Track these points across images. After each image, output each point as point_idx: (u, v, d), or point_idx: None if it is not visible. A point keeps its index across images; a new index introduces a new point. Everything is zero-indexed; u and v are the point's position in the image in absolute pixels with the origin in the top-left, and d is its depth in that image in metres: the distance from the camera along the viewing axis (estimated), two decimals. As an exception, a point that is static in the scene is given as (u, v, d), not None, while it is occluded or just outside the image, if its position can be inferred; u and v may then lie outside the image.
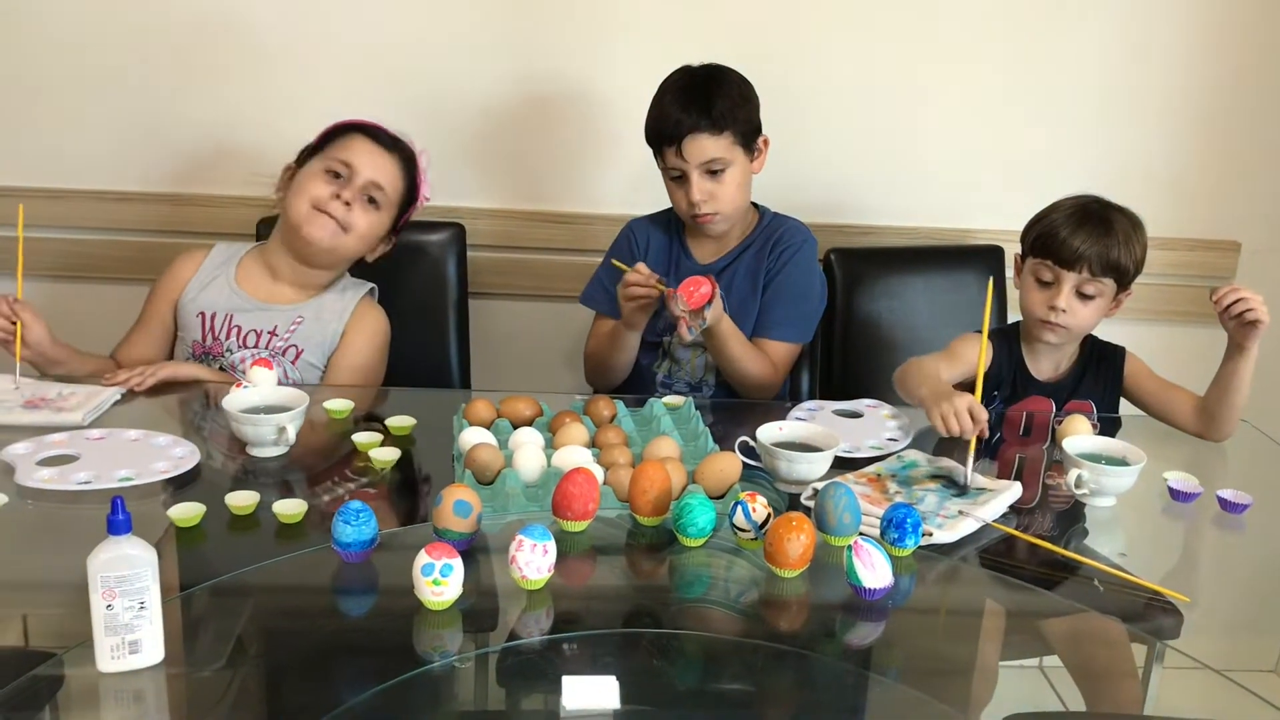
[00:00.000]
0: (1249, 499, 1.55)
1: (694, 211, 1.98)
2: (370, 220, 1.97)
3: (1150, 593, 1.33)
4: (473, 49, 2.32)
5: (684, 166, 1.94)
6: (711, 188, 1.96)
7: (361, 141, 1.97)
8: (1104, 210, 1.81)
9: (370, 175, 1.95)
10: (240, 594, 1.26)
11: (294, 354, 1.95)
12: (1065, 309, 1.80)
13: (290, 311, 1.98)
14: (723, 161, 1.94)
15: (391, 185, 1.98)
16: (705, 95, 1.93)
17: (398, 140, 2.01)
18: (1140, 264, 1.82)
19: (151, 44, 2.29)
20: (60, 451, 1.52)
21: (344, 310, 2.00)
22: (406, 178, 2.01)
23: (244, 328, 1.96)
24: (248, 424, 1.55)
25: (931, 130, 2.41)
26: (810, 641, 1.25)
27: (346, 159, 1.94)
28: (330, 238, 1.94)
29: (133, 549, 1.04)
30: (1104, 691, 1.26)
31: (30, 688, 1.05)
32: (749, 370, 1.95)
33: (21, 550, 1.33)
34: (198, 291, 1.99)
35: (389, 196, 1.98)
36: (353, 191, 1.94)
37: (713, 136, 1.92)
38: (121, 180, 2.37)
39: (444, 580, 1.15)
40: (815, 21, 2.33)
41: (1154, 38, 2.36)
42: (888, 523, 1.34)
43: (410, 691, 1.09)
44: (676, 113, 1.93)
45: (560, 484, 1.33)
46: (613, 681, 1.04)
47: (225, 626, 1.20)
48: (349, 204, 1.93)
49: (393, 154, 1.99)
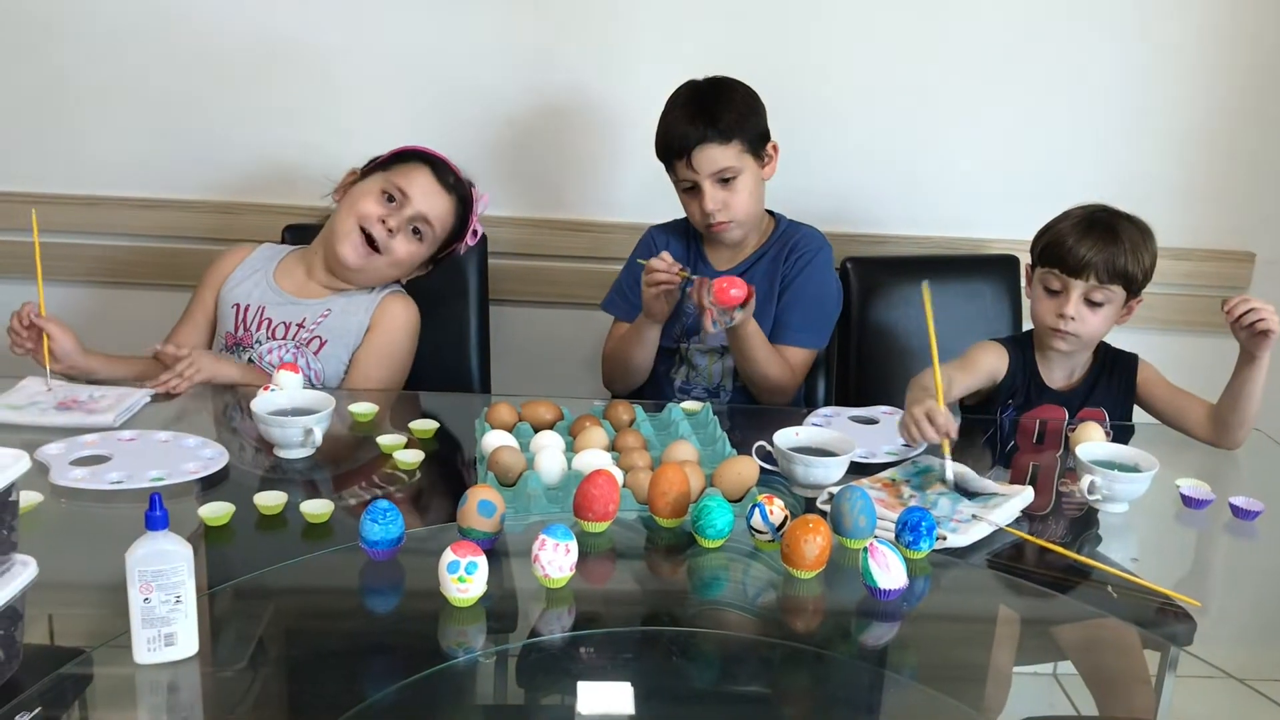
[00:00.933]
0: (1261, 506, 1.56)
1: (709, 221, 2.01)
2: (410, 250, 2.00)
3: (1162, 598, 1.35)
4: (495, 60, 2.34)
5: (695, 178, 1.98)
6: (725, 196, 1.99)
7: (423, 173, 2.00)
8: (1111, 219, 1.83)
9: (422, 208, 1.98)
10: (269, 590, 1.29)
11: (318, 344, 1.98)
12: (1074, 316, 1.82)
13: (319, 305, 2.02)
14: (733, 170, 1.97)
15: (441, 222, 2.02)
16: (711, 106, 1.96)
17: (460, 181, 2.05)
18: (1149, 272, 1.84)
19: (183, 54, 2.33)
20: (93, 452, 1.56)
21: (371, 303, 2.03)
22: (458, 218, 2.05)
23: (274, 320, 2.00)
24: (275, 426, 1.58)
25: (946, 140, 2.43)
26: (826, 642, 1.28)
27: (403, 186, 1.98)
28: (362, 260, 1.97)
29: (169, 544, 1.07)
30: (1117, 698, 1.27)
31: (60, 684, 1.08)
32: (769, 373, 1.98)
33: (56, 548, 1.36)
34: (236, 285, 2.03)
35: (435, 232, 2.01)
36: (400, 220, 1.97)
37: (721, 146, 1.96)
38: (154, 187, 2.40)
39: (469, 578, 1.18)
40: (831, 32, 2.35)
41: (1167, 49, 2.37)
42: (902, 525, 1.36)
43: (434, 687, 1.11)
44: (684, 125, 1.97)
45: (581, 485, 1.36)
46: (627, 687, 1.05)
47: (254, 622, 1.23)
48: (393, 231, 1.96)
49: (451, 194, 2.02)
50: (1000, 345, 1.92)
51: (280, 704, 1.12)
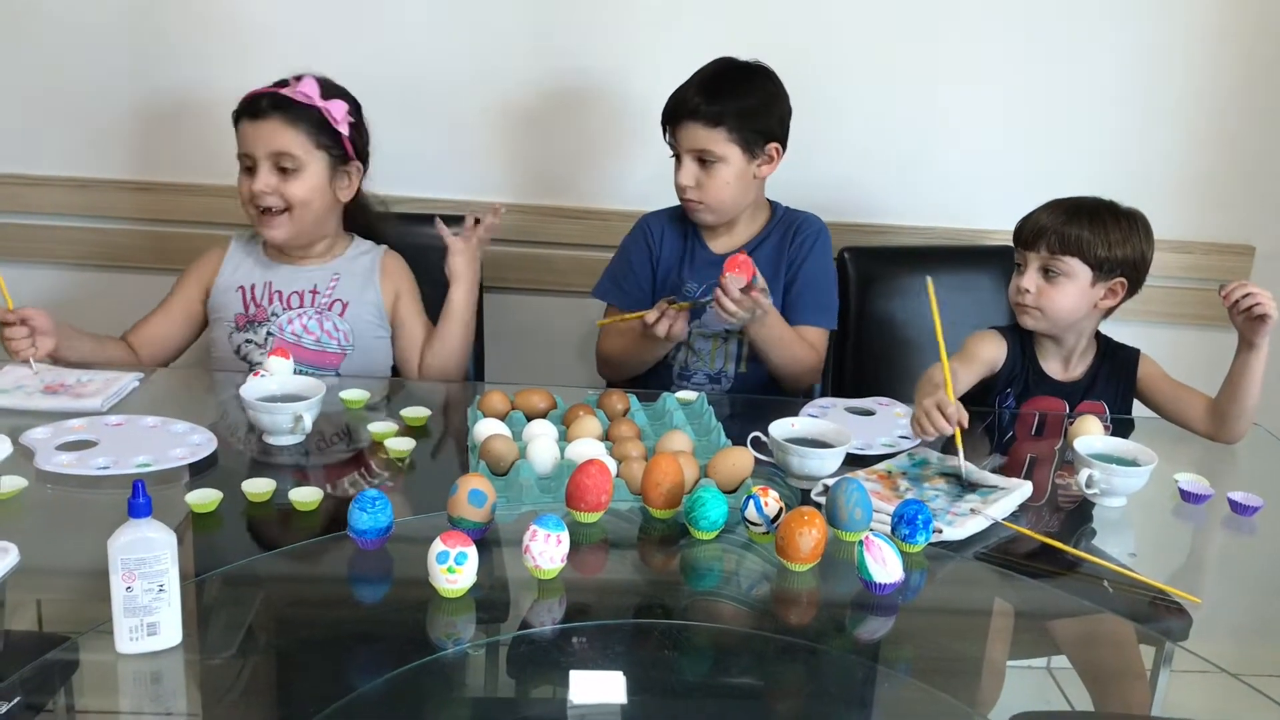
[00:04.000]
0: (1260, 501, 1.56)
1: (680, 195, 2.01)
2: (301, 183, 1.93)
3: (1159, 593, 1.34)
4: (493, 47, 2.33)
5: (677, 148, 1.98)
6: (699, 176, 1.97)
7: (246, 126, 1.93)
8: (1087, 202, 1.83)
9: (266, 152, 1.91)
10: (256, 579, 1.27)
11: (340, 308, 1.98)
12: (1029, 289, 1.82)
13: (325, 269, 2.01)
14: (713, 155, 1.95)
15: (291, 143, 1.92)
16: (716, 86, 1.94)
17: (273, 100, 1.92)
18: (1133, 260, 1.81)
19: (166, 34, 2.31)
20: (79, 437, 1.54)
21: (372, 268, 2.04)
22: (303, 123, 1.94)
23: (285, 291, 1.99)
24: (264, 412, 1.57)
25: (946, 130, 2.41)
26: (820, 636, 1.27)
27: (244, 150, 1.94)
28: (283, 230, 1.95)
29: (153, 532, 1.05)
30: (1112, 693, 1.26)
31: (45, 671, 1.07)
32: (797, 355, 1.97)
33: (41, 534, 1.35)
34: (230, 274, 2.02)
35: (298, 153, 1.92)
36: (266, 181, 1.91)
37: (706, 127, 1.94)
38: (142, 170, 2.38)
39: (458, 568, 1.16)
40: (831, 22, 2.33)
41: (1169, 41, 2.37)
42: (899, 519, 1.35)
43: (423, 678, 1.10)
44: (684, 93, 1.96)
45: (574, 475, 1.35)
46: (619, 676, 1.05)
47: (241, 611, 1.22)
48: (269, 190, 1.91)
49: (274, 116, 1.91)
50: (997, 333, 1.92)
51: (268, 693, 1.11)
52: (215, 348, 2.02)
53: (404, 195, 2.30)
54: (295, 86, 1.93)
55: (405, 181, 2.31)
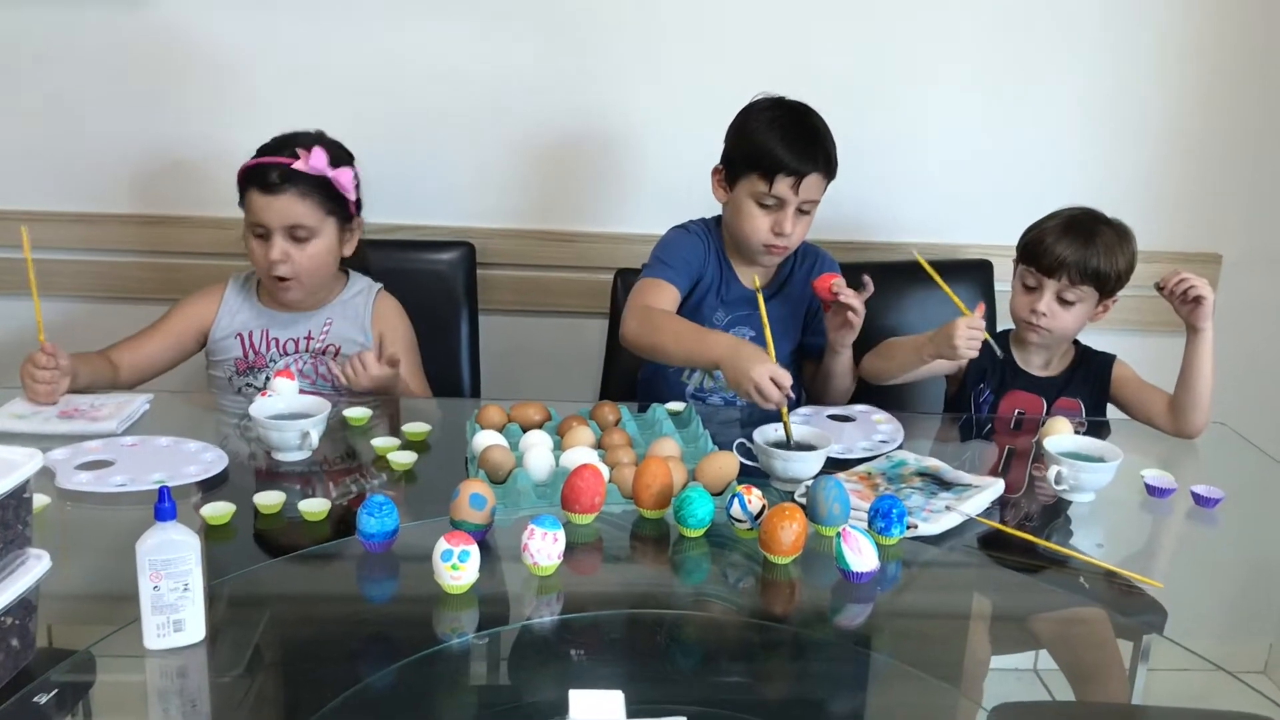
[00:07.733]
0: (1221, 493, 1.63)
1: (773, 242, 2.00)
2: (312, 249, 2.00)
3: (1126, 580, 1.41)
4: (486, 76, 2.38)
5: (788, 198, 1.96)
6: (797, 224, 1.99)
7: (258, 197, 1.97)
8: (1091, 223, 1.91)
9: (281, 224, 1.97)
10: (271, 580, 1.35)
11: (333, 352, 2.05)
12: (1046, 313, 1.91)
13: (318, 316, 2.08)
14: (814, 205, 2.01)
15: (305, 215, 1.98)
16: (824, 140, 1.98)
17: (285, 173, 1.96)
18: (1125, 274, 1.92)
19: (168, 70, 2.37)
20: (96, 457, 1.61)
21: (364, 310, 2.10)
22: (315, 194, 1.98)
23: (281, 338, 2.06)
24: (273, 430, 1.64)
25: (919, 146, 2.47)
26: (803, 622, 1.35)
27: (257, 220, 1.98)
28: (297, 294, 2.03)
29: (178, 534, 1.12)
30: (1092, 686, 1.33)
31: (73, 669, 1.14)
32: (851, 371, 2.04)
33: (64, 548, 1.40)
34: (229, 318, 2.08)
35: (311, 223, 1.98)
36: (280, 248, 1.97)
37: (820, 180, 1.98)
38: (143, 204, 2.44)
39: (461, 565, 1.24)
40: (807, 42, 2.38)
41: (1136, 55, 2.43)
42: (874, 513, 1.42)
43: (428, 669, 1.18)
44: (807, 146, 1.96)
45: (569, 478, 1.42)
46: (619, 695, 1.05)
47: (258, 610, 1.29)
48: (285, 259, 1.97)
49: (287, 190, 1.96)
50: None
51: (282, 685, 1.18)
52: (214, 385, 2.10)
53: (400, 223, 2.38)
54: (306, 160, 1.96)
55: (400, 210, 2.37)
